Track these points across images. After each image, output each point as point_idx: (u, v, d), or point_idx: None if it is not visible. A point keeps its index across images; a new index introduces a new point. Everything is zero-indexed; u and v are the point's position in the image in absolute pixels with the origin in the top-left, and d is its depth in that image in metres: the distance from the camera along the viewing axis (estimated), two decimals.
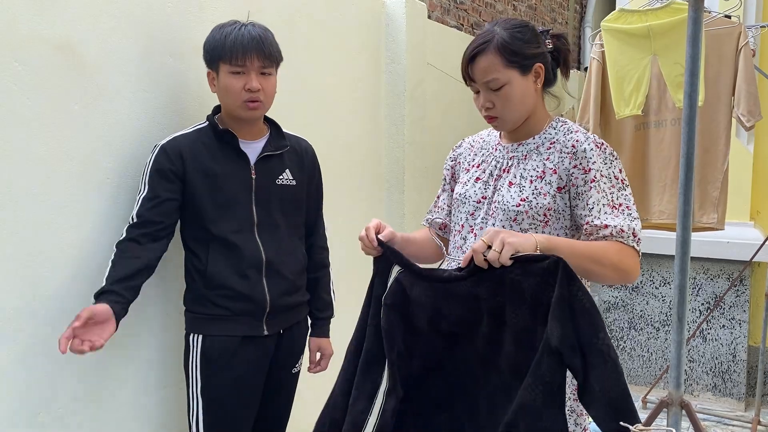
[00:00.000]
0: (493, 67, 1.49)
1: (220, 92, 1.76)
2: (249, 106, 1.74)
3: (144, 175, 1.74)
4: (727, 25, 2.91)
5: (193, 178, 1.74)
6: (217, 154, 1.77)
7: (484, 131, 1.75)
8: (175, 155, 1.73)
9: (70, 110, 1.66)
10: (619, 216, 1.47)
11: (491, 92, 1.52)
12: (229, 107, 1.77)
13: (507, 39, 1.49)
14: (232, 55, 1.70)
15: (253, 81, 1.72)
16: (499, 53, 1.49)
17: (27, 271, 1.58)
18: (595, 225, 1.46)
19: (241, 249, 1.76)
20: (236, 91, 1.72)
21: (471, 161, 1.70)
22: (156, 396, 1.91)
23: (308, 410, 2.36)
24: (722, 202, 3.01)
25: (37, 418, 1.61)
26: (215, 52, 1.73)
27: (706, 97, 2.89)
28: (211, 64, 1.76)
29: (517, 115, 1.55)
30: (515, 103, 1.52)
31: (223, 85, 1.74)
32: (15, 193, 1.55)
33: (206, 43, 1.77)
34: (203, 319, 1.78)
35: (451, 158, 1.78)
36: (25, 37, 1.55)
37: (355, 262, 2.90)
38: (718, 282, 3.79)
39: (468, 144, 1.76)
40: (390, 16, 3.12)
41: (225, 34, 1.72)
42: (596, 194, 1.47)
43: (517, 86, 1.51)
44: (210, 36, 1.76)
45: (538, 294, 1.28)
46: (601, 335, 1.23)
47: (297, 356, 1.96)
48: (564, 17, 6.58)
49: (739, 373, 3.75)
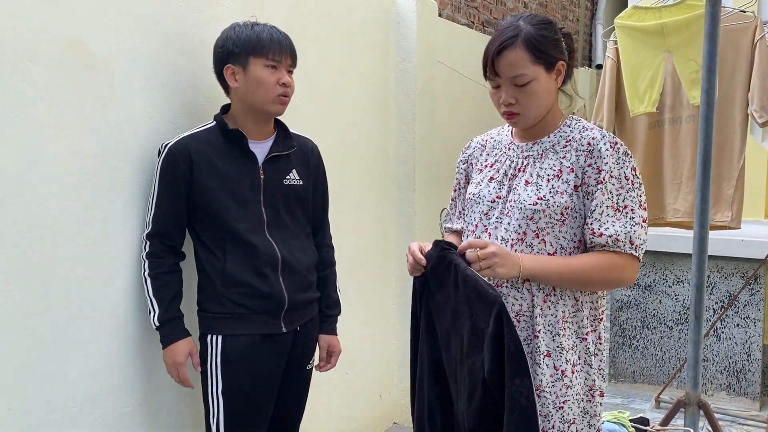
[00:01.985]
0: (521, 62, 1.47)
1: (249, 86, 1.75)
2: (281, 101, 1.77)
3: (155, 178, 1.76)
4: (742, 21, 2.87)
5: (203, 179, 1.74)
6: (226, 154, 1.77)
7: (494, 130, 1.73)
8: (184, 157, 1.73)
9: (82, 109, 1.66)
10: (620, 220, 1.47)
11: (515, 88, 1.49)
12: (258, 101, 1.76)
13: (535, 35, 1.47)
14: (270, 49, 1.73)
15: (286, 76, 1.77)
16: (527, 48, 1.47)
17: (39, 270, 1.58)
18: (592, 229, 1.48)
19: (257, 248, 1.77)
20: (271, 84, 1.74)
21: (484, 161, 1.68)
22: (168, 395, 1.91)
23: (312, 408, 2.36)
24: (737, 200, 2.97)
25: (51, 417, 1.62)
26: (246, 46, 1.73)
27: (722, 93, 2.85)
28: (235, 58, 1.74)
29: (538, 112, 1.53)
30: (539, 100, 1.51)
31: (255, 78, 1.73)
32: (27, 193, 1.55)
33: (229, 38, 1.75)
34: (221, 319, 1.77)
35: (462, 160, 1.77)
36: (38, 36, 1.56)
37: (364, 261, 2.90)
38: (732, 280, 3.75)
39: (478, 144, 1.74)
40: (400, 14, 3.11)
41: (257, 30, 1.74)
42: (601, 196, 1.47)
43: (543, 83, 1.50)
44: (233, 32, 1.75)
45: (476, 321, 1.43)
46: (516, 381, 1.35)
47: (311, 353, 1.97)
48: (575, 14, 6.53)
49: (753, 373, 3.71)
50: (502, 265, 1.42)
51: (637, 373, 4.02)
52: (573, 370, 1.52)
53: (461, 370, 1.51)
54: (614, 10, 6.07)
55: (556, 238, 1.52)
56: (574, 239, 1.53)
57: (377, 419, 3.01)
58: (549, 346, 1.51)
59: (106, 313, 1.74)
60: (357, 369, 2.80)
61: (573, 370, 1.52)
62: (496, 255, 1.42)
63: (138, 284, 1.80)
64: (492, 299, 1.38)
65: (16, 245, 1.53)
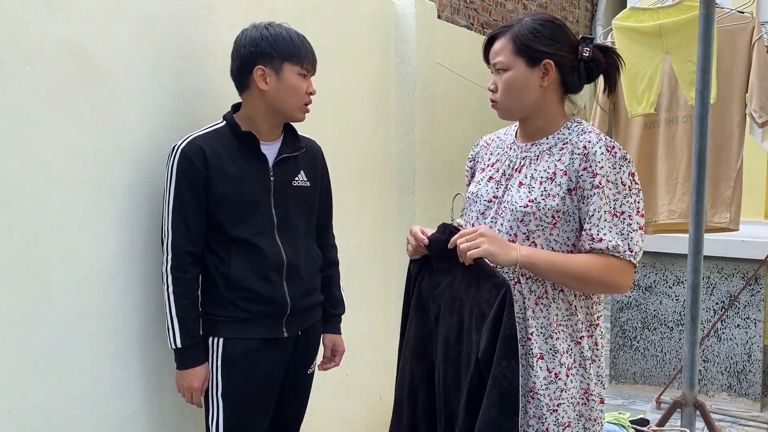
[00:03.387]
0: (503, 51, 1.55)
1: (283, 91, 1.74)
2: (306, 109, 1.80)
3: (169, 181, 1.71)
4: (740, 21, 2.88)
5: (216, 180, 1.72)
6: (237, 156, 1.75)
7: (501, 130, 1.75)
8: (199, 158, 1.70)
9: (82, 113, 1.67)
10: (618, 226, 1.47)
11: (497, 75, 1.57)
12: (288, 107, 1.77)
13: (524, 29, 1.53)
14: (305, 58, 1.74)
15: (312, 85, 1.78)
16: (511, 39, 1.54)
17: (39, 274, 1.59)
18: (590, 234, 1.48)
19: (264, 251, 1.76)
20: (302, 92, 1.76)
21: (487, 160, 1.69)
22: (170, 397, 1.92)
23: (312, 409, 2.36)
24: (736, 201, 2.96)
25: (51, 419, 1.62)
26: (283, 50, 1.71)
27: (719, 93, 2.86)
28: (269, 59, 1.71)
29: (515, 105, 1.56)
30: (514, 91, 1.54)
31: (290, 85, 1.73)
32: (27, 196, 1.56)
33: (264, 38, 1.71)
34: (223, 322, 1.77)
35: (470, 158, 1.79)
36: (37, 40, 1.56)
37: (364, 263, 2.90)
38: (733, 281, 3.75)
39: (485, 142, 1.76)
40: (399, 16, 3.11)
41: (291, 35, 1.74)
42: (598, 201, 1.47)
43: (519, 75, 1.53)
44: (265, 32, 1.72)
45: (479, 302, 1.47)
46: (503, 363, 1.40)
47: (313, 357, 1.97)
48: (575, 15, 6.54)
49: (754, 373, 3.71)
50: (493, 243, 1.44)
51: (638, 374, 4.02)
52: (568, 373, 1.51)
53: (457, 348, 1.53)
54: (614, 11, 6.07)
55: (547, 241, 1.51)
56: (567, 243, 1.52)
57: (377, 421, 3.01)
58: (542, 349, 1.51)
59: (107, 316, 1.74)
60: (357, 370, 2.80)
61: (568, 373, 1.51)
62: (483, 234, 1.45)
63: (138, 286, 1.81)
64: (500, 282, 1.43)
65: (16, 248, 1.54)
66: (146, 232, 1.82)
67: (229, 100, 1.87)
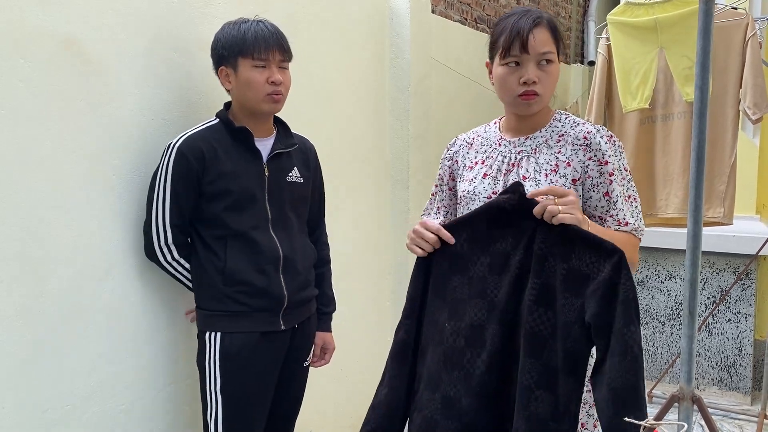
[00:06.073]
0: (549, 41, 1.50)
1: (240, 87, 1.75)
2: (273, 99, 1.76)
3: (163, 178, 1.72)
4: (734, 17, 2.89)
5: (213, 176, 1.74)
6: (232, 152, 1.76)
7: (479, 128, 1.72)
8: (195, 156, 1.72)
9: (76, 107, 1.66)
10: (632, 209, 1.54)
11: (538, 67, 1.50)
12: (250, 102, 1.76)
13: (553, 20, 1.52)
14: (255, 49, 1.71)
15: (276, 74, 1.75)
16: (550, 30, 1.51)
17: (34, 269, 1.58)
18: (618, 219, 1.52)
19: (260, 245, 1.77)
20: (260, 84, 1.73)
21: (473, 158, 1.67)
22: (164, 392, 1.91)
23: (307, 403, 2.36)
24: (729, 196, 2.98)
25: (45, 415, 1.61)
26: (233, 48, 1.72)
27: (714, 89, 2.87)
28: (226, 60, 1.75)
29: (550, 96, 1.56)
30: (554, 84, 1.54)
31: (244, 79, 1.73)
32: (21, 191, 1.54)
33: (219, 41, 1.75)
34: (221, 317, 1.77)
35: (446, 157, 1.73)
36: (31, 34, 1.55)
37: (358, 258, 2.90)
38: (724, 276, 3.77)
39: (464, 141, 1.71)
40: (393, 10, 3.10)
41: (243, 30, 1.72)
42: (618, 188, 1.51)
43: (558, 67, 1.53)
44: (221, 33, 1.75)
45: (581, 266, 1.35)
46: (632, 328, 1.29)
47: (308, 350, 1.98)
48: (567, 11, 6.55)
49: (745, 367, 3.74)
50: (578, 212, 1.36)
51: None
52: None
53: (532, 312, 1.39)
54: (606, 7, 6.08)
55: None
56: None
57: None
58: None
59: (101, 311, 1.73)
60: (352, 365, 2.80)
61: None
62: (575, 204, 1.36)
63: (132, 282, 1.80)
64: (612, 248, 1.33)
65: (9, 243, 1.52)
66: (140, 227, 1.80)
67: (222, 93, 1.86)
